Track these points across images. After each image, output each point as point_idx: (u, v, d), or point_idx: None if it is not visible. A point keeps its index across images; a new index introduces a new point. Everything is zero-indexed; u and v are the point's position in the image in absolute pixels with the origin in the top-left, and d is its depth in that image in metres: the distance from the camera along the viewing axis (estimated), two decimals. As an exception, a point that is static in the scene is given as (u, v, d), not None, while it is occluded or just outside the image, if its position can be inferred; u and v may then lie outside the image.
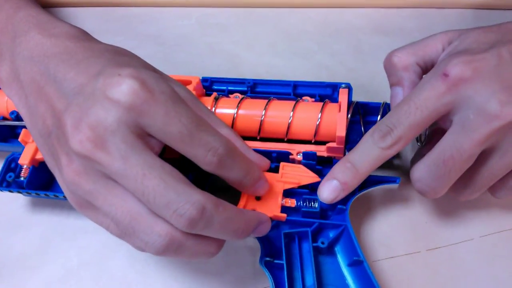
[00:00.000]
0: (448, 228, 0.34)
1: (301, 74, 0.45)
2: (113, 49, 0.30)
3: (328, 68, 0.46)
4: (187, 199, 0.24)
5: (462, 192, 0.30)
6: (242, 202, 0.31)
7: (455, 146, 0.27)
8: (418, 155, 0.32)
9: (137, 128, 0.25)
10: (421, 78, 0.32)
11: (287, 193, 0.32)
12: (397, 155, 0.31)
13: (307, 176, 0.32)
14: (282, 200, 0.31)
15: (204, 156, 0.26)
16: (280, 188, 0.32)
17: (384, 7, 0.50)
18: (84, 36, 0.31)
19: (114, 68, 0.26)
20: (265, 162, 0.32)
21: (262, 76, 0.45)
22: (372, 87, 0.43)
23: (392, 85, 0.33)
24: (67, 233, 0.37)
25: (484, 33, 0.30)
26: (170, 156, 0.32)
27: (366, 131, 0.34)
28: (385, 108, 0.34)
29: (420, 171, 0.29)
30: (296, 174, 0.32)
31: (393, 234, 0.34)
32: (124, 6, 0.53)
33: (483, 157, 0.28)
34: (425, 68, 0.32)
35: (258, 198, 0.31)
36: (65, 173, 0.25)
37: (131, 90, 0.24)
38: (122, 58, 0.28)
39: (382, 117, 0.33)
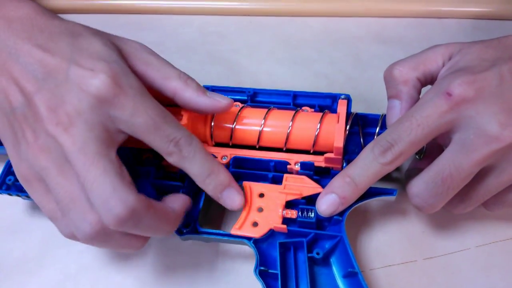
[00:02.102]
0: (444, 237, 0.34)
1: (301, 82, 0.45)
2: (68, 29, 0.30)
3: (328, 76, 0.46)
4: (120, 197, 0.25)
5: (457, 206, 0.31)
6: (244, 212, 0.31)
7: (454, 165, 0.28)
8: (413, 169, 0.32)
9: (107, 120, 0.27)
10: (419, 92, 0.32)
11: (287, 204, 0.32)
12: (396, 168, 0.31)
13: (309, 187, 0.32)
14: (283, 211, 0.31)
15: (167, 146, 0.28)
16: (282, 199, 0.32)
17: (383, 17, 0.50)
18: (38, 10, 0.31)
19: (85, 59, 0.28)
20: (225, 101, 0.32)
21: (261, 84, 0.45)
22: (371, 95, 0.43)
23: (390, 97, 0.33)
24: (66, 238, 0.37)
25: (485, 48, 0.30)
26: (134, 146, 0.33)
27: (365, 142, 0.35)
28: (384, 120, 0.34)
29: (418, 187, 0.29)
30: (299, 186, 0.32)
31: (390, 243, 0.34)
32: (125, 13, 0.53)
33: (480, 175, 0.28)
34: (425, 82, 0.32)
35: (260, 210, 0.32)
36: (29, 147, 0.27)
37: (104, 84, 0.27)
38: (82, 41, 0.29)
39: (380, 129, 0.34)
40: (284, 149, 0.34)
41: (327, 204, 0.30)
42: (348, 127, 0.33)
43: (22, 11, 0.30)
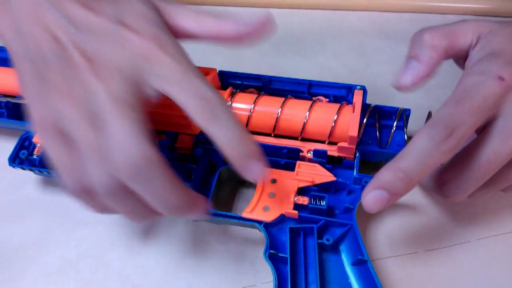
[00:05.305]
0: (445, 230, 0.35)
1: (304, 75, 0.45)
2: None
3: (331, 69, 0.46)
4: (137, 143, 0.25)
5: (479, 191, 0.30)
6: (255, 197, 0.31)
7: (492, 151, 0.27)
8: None
9: (143, 76, 0.27)
10: (440, 63, 0.31)
11: (299, 190, 0.32)
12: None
13: (322, 175, 0.32)
14: (295, 198, 0.32)
15: (195, 101, 0.26)
16: (294, 185, 0.32)
17: (387, 11, 0.50)
18: None
19: (130, 21, 0.28)
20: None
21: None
22: (374, 89, 0.43)
23: (410, 56, 0.31)
24: (67, 224, 0.37)
25: None
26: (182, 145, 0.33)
27: (380, 134, 0.34)
28: (402, 115, 0.34)
29: (451, 174, 0.29)
30: (311, 173, 0.33)
31: (392, 234, 0.35)
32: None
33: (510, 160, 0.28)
34: (450, 54, 0.32)
35: (272, 195, 0.32)
36: (59, 95, 0.27)
37: (148, 44, 0.27)
38: (124, 3, 0.29)
39: (398, 122, 0.33)
40: (299, 138, 0.34)
41: (374, 201, 0.27)
42: (365, 120, 0.33)
43: None
